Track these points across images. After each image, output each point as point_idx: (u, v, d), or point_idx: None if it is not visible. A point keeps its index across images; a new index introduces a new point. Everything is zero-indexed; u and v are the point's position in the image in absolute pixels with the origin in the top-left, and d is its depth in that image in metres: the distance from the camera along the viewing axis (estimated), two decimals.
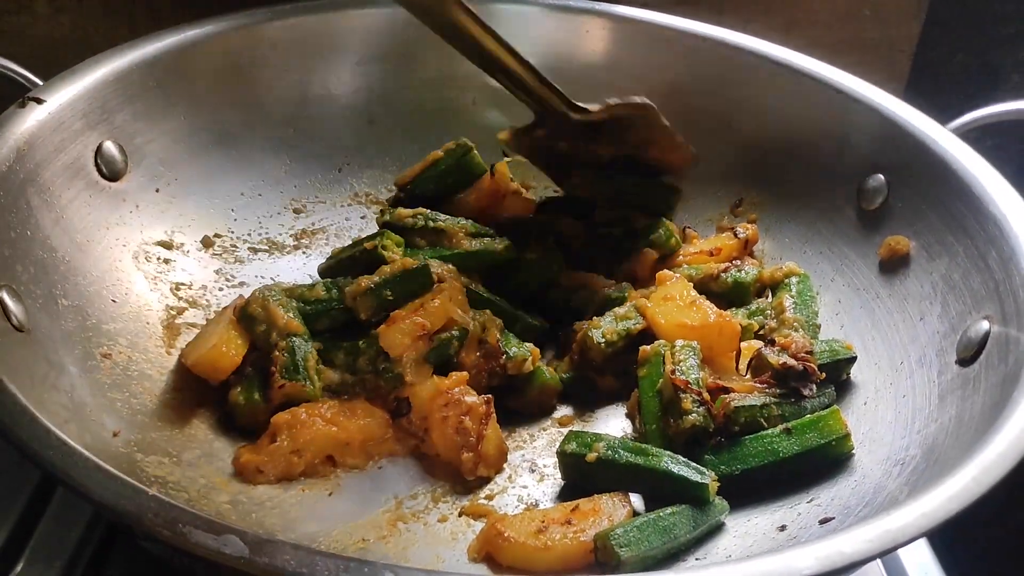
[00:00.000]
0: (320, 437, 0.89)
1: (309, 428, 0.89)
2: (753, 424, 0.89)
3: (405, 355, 0.93)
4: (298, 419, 0.90)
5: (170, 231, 1.07)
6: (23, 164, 0.89)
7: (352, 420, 0.91)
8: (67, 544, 0.90)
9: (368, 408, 0.93)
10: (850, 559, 0.60)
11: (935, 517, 0.64)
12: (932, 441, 0.82)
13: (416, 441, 0.93)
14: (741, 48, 1.19)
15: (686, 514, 0.82)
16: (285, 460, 0.88)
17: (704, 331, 0.96)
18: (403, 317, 0.94)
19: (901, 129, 1.03)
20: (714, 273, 1.08)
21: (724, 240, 1.15)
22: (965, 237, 0.93)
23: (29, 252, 0.87)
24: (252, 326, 0.95)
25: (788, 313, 1.03)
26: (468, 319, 0.97)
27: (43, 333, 0.83)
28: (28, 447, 0.64)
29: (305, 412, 0.90)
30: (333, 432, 0.90)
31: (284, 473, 0.88)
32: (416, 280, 0.97)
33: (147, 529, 0.57)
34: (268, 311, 0.95)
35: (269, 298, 0.96)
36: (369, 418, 0.92)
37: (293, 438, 0.89)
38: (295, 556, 0.56)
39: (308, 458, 0.89)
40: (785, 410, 0.91)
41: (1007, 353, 0.81)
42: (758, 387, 0.92)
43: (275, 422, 0.89)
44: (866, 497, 0.82)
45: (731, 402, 0.90)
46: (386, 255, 1.02)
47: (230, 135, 1.15)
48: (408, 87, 1.26)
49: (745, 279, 1.08)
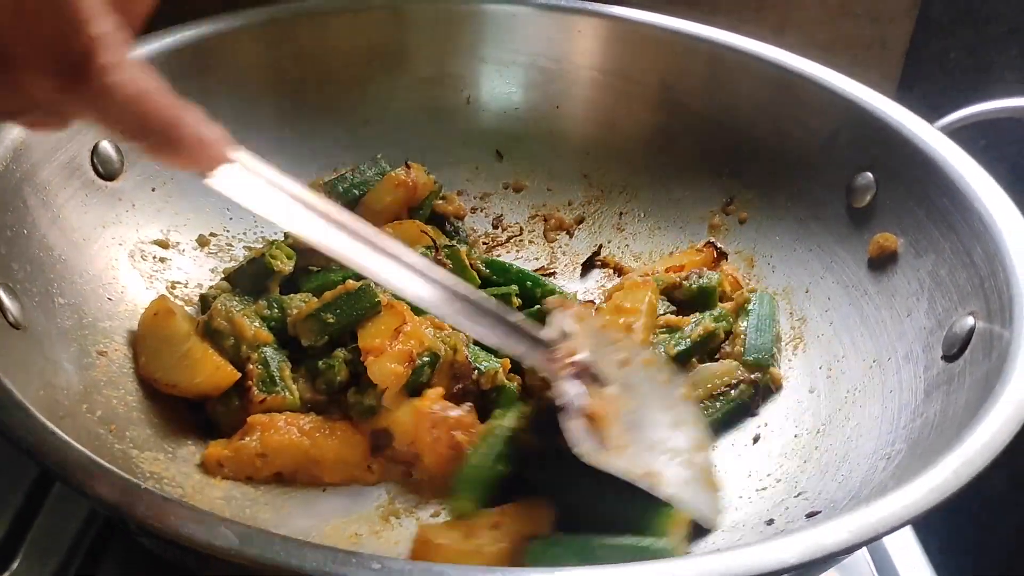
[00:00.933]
0: (290, 447, 0.88)
1: (282, 436, 0.88)
2: None
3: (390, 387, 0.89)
4: (274, 424, 0.89)
5: (166, 230, 1.08)
6: (20, 163, 0.90)
7: (328, 439, 0.89)
8: (64, 540, 0.90)
9: (348, 433, 0.91)
10: (831, 549, 0.61)
11: (916, 508, 0.64)
12: (917, 435, 0.83)
13: (404, 467, 0.91)
14: (732, 48, 1.20)
15: (623, 548, 0.79)
16: (249, 461, 0.87)
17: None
18: (382, 347, 0.91)
19: (889, 127, 1.04)
20: (676, 282, 1.10)
21: (689, 256, 1.17)
22: (951, 234, 0.93)
23: (26, 250, 0.87)
24: (220, 341, 0.93)
25: (740, 343, 1.04)
26: (438, 342, 0.94)
27: (39, 330, 0.84)
28: (25, 442, 0.64)
29: (284, 420, 0.89)
30: (305, 446, 0.88)
31: (245, 473, 0.88)
32: (360, 302, 0.94)
33: (139, 521, 0.58)
34: (234, 323, 0.93)
35: (232, 309, 0.94)
36: (347, 444, 0.90)
37: (263, 441, 0.88)
38: (284, 548, 0.56)
39: (274, 465, 0.88)
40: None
41: (991, 349, 0.81)
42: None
43: (250, 421, 0.89)
44: (852, 491, 0.83)
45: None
46: (275, 264, 1.00)
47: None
48: (402, 87, 1.27)
49: (709, 284, 1.09)
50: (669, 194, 1.25)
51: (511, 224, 1.29)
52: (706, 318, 1.05)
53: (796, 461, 0.93)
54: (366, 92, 1.26)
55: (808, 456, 0.92)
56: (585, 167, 1.30)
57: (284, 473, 0.89)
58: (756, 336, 1.04)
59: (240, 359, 0.93)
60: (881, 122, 1.05)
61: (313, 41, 1.21)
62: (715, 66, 1.21)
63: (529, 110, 1.30)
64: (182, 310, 0.97)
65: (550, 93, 1.29)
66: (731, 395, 1.00)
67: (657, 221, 1.25)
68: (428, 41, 1.26)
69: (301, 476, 0.89)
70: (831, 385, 0.99)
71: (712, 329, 1.04)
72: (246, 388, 0.92)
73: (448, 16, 1.26)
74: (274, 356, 0.94)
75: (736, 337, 1.05)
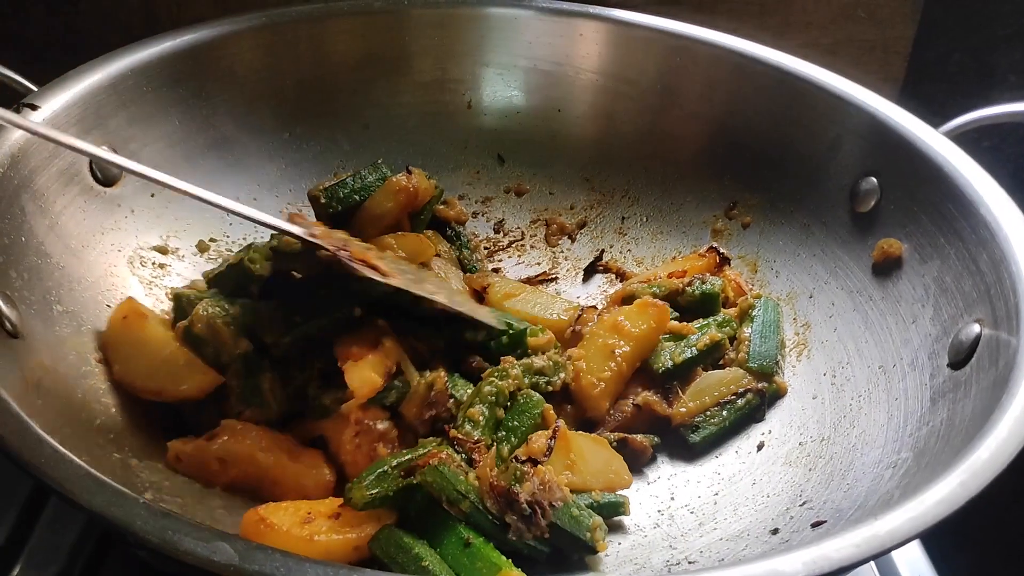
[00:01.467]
0: (250, 460, 0.86)
1: (245, 446, 0.86)
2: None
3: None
4: (246, 433, 0.87)
5: (165, 236, 1.07)
6: (17, 170, 0.89)
7: (293, 463, 0.87)
8: (62, 550, 0.90)
9: (315, 460, 0.88)
10: (838, 564, 0.60)
11: (923, 521, 0.64)
12: (924, 444, 0.82)
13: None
14: (735, 51, 1.19)
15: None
16: (207, 463, 0.85)
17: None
18: (361, 355, 0.89)
19: (893, 132, 1.03)
20: (679, 288, 1.09)
21: (690, 261, 1.15)
22: (957, 240, 0.93)
23: (23, 258, 0.87)
24: (200, 347, 0.91)
25: (744, 349, 1.03)
26: (414, 374, 0.92)
27: (37, 339, 0.83)
28: (19, 456, 0.64)
29: (256, 432, 0.88)
30: (267, 463, 0.86)
31: (201, 474, 0.86)
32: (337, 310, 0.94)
33: (137, 537, 0.58)
34: (215, 331, 0.91)
35: (215, 316, 0.92)
36: (310, 470, 0.87)
37: (226, 448, 0.86)
38: (285, 564, 0.56)
39: (229, 474, 0.86)
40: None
41: (997, 356, 0.81)
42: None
43: (224, 424, 0.88)
44: (858, 500, 0.82)
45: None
46: (254, 268, 0.96)
47: (225, 139, 1.15)
48: (403, 91, 1.27)
49: (712, 290, 1.08)
50: (671, 198, 1.24)
51: (513, 228, 1.28)
52: (711, 326, 1.05)
53: (801, 469, 0.92)
54: (367, 96, 1.25)
55: (813, 464, 0.92)
56: (587, 171, 1.29)
57: (243, 484, 0.86)
58: (760, 343, 1.04)
59: (219, 364, 0.92)
60: (886, 126, 1.04)
61: (313, 45, 1.21)
62: (717, 70, 1.21)
63: (530, 114, 1.29)
64: (152, 313, 0.96)
65: (552, 97, 1.29)
66: (738, 404, 0.99)
67: (660, 226, 1.24)
68: (429, 45, 1.25)
69: (263, 493, 0.86)
70: (835, 392, 0.99)
71: (718, 339, 1.03)
72: (225, 396, 0.91)
73: (449, 20, 1.25)
74: (256, 365, 0.92)
75: (740, 343, 1.05)
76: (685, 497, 0.93)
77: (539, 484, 0.82)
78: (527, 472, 0.82)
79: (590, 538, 0.82)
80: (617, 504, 0.88)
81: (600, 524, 0.83)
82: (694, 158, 1.23)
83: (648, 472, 0.97)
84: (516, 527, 0.81)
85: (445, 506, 0.80)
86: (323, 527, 0.78)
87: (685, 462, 0.98)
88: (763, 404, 1.00)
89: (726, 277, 1.13)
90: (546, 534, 0.81)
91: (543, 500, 0.81)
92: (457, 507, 0.80)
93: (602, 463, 0.91)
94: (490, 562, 0.77)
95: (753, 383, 1.00)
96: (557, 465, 0.87)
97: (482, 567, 0.77)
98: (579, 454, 0.89)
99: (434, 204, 1.16)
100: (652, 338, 1.02)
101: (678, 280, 1.10)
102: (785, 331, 1.08)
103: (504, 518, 0.81)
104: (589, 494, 0.87)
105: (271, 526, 0.77)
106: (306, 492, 0.86)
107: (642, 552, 0.87)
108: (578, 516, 0.82)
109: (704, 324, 1.05)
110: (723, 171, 1.21)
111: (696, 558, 0.85)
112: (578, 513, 0.82)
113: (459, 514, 0.80)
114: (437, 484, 0.80)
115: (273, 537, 0.76)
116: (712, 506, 0.91)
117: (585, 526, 0.82)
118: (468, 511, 0.80)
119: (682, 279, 1.10)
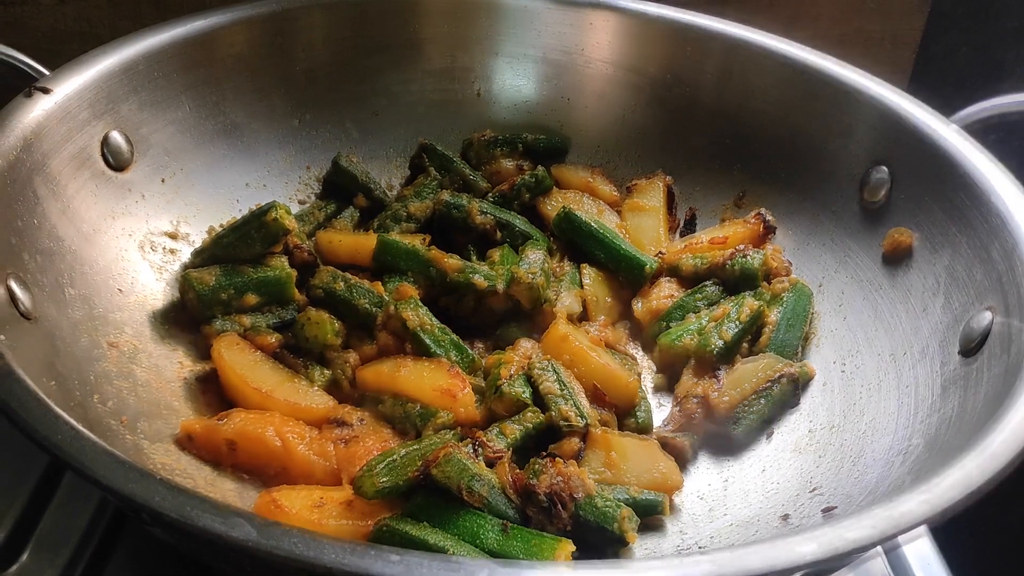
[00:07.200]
0: (259, 444, 0.86)
1: (256, 430, 0.86)
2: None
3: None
4: (256, 419, 0.87)
5: (176, 221, 1.07)
6: (30, 154, 0.89)
7: (303, 450, 0.86)
8: (73, 533, 0.90)
9: (320, 447, 0.88)
10: (853, 544, 0.60)
11: (937, 504, 0.64)
12: (935, 431, 0.82)
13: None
14: (745, 42, 1.19)
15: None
16: (216, 444, 0.86)
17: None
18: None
19: (904, 122, 1.03)
20: (720, 261, 1.09)
21: (735, 228, 1.15)
22: (968, 229, 0.93)
23: (36, 241, 0.87)
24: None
25: (768, 332, 1.03)
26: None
27: (50, 322, 0.83)
28: (37, 432, 0.64)
29: (268, 416, 0.88)
30: (276, 448, 0.86)
31: (210, 455, 0.86)
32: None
33: (155, 513, 0.58)
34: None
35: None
36: (320, 456, 0.87)
37: (237, 430, 0.86)
38: (302, 540, 0.56)
39: (237, 457, 0.86)
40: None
41: (1009, 344, 0.81)
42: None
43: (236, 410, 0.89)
44: (869, 487, 0.82)
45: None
46: (285, 223, 1.02)
47: (235, 125, 1.15)
48: (413, 79, 1.27)
49: (752, 265, 1.08)
50: (681, 188, 1.24)
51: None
52: (745, 297, 1.04)
53: (811, 456, 0.92)
54: (376, 84, 1.25)
55: (823, 451, 0.92)
56: (596, 160, 1.29)
57: (251, 468, 0.86)
58: (786, 331, 1.03)
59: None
60: (897, 115, 1.04)
61: (323, 32, 1.21)
62: (727, 60, 1.21)
63: (540, 103, 1.30)
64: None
65: (561, 86, 1.29)
66: (774, 391, 0.97)
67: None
68: (439, 33, 1.26)
69: (270, 477, 0.86)
70: (845, 380, 0.99)
71: (756, 307, 1.02)
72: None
73: (460, 8, 1.25)
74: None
75: (765, 327, 1.04)
76: (694, 484, 0.93)
77: (556, 476, 0.82)
78: (545, 465, 0.82)
79: (617, 528, 0.81)
80: (654, 503, 0.87)
81: (629, 514, 0.82)
82: (703, 147, 1.23)
83: None
84: (537, 519, 0.81)
85: (464, 496, 0.80)
86: (333, 513, 0.79)
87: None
88: (797, 389, 0.99)
89: (772, 251, 1.11)
90: (568, 526, 0.81)
91: (563, 492, 0.81)
92: (477, 494, 0.80)
93: (646, 463, 0.90)
94: (543, 539, 0.78)
95: (786, 368, 0.99)
96: (594, 463, 0.88)
97: (536, 545, 0.77)
98: (620, 453, 0.89)
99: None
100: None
101: (719, 252, 1.10)
102: None
103: (526, 511, 0.81)
104: (626, 489, 0.87)
105: (281, 508, 0.78)
106: (314, 478, 0.86)
107: (652, 538, 0.87)
108: (603, 508, 0.82)
109: (739, 299, 1.05)
110: (732, 161, 1.21)
111: (706, 543, 0.85)
112: (603, 504, 0.82)
113: (478, 502, 0.80)
114: (455, 473, 0.80)
115: (283, 519, 0.76)
116: (722, 492, 0.92)
117: (611, 517, 0.82)
118: (488, 497, 0.80)
119: (723, 247, 1.11)
